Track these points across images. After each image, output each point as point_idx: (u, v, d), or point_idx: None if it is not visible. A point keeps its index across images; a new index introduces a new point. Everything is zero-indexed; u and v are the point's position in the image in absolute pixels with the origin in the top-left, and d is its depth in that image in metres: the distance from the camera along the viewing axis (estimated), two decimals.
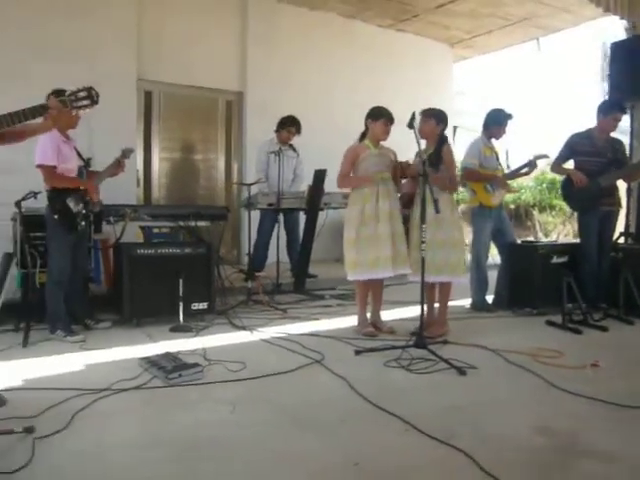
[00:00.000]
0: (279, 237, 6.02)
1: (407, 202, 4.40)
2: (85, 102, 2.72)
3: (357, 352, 3.79)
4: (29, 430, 2.47)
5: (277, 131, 6.47)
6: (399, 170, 4.36)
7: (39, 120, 2.71)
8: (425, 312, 3.96)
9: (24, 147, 3.00)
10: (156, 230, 5.44)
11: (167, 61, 7.20)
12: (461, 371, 3.39)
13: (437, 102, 7.24)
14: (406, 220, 4.43)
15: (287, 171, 6.24)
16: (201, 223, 5.09)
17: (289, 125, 6.43)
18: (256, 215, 6.16)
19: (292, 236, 6.47)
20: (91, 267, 5.05)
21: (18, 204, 4.27)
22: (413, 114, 3.80)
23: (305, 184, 6.45)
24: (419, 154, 4.05)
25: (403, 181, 4.50)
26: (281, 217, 6.18)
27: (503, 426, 2.67)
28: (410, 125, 3.79)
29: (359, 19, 8.81)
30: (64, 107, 2.70)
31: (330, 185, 6.06)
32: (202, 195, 7.74)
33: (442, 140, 4.27)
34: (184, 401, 2.93)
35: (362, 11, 8.55)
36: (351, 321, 4.70)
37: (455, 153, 4.52)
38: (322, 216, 6.21)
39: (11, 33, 5.83)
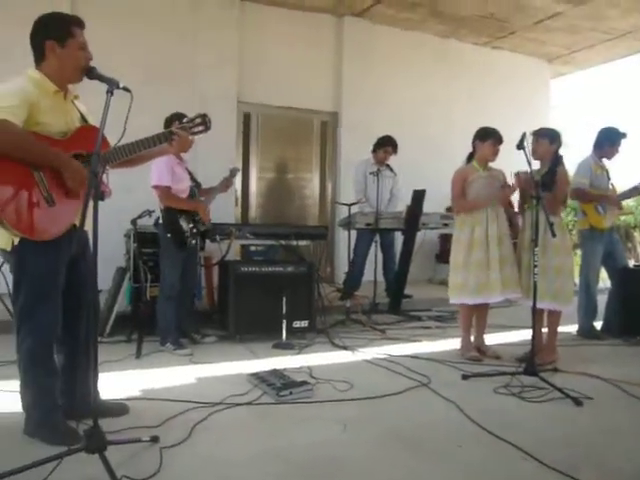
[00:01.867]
0: (376, 257, 6.02)
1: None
2: (200, 128, 2.90)
3: (464, 376, 3.71)
4: (154, 439, 2.58)
5: (374, 151, 6.51)
6: (507, 192, 4.26)
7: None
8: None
9: (138, 168, 3.17)
10: (253, 248, 5.60)
11: (265, 83, 7.45)
12: (577, 401, 3.24)
13: (533, 120, 7.09)
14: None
15: (384, 191, 6.25)
16: (302, 242, 5.17)
17: (385, 145, 6.44)
18: (353, 234, 6.19)
19: (388, 256, 6.45)
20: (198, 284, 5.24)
21: (134, 222, 4.51)
22: (523, 135, 3.70)
23: (401, 204, 6.45)
24: (531, 175, 3.94)
25: None
26: (377, 237, 6.17)
27: (627, 461, 2.53)
28: (520, 146, 3.68)
29: (453, 38, 8.76)
30: (185, 133, 2.86)
31: (428, 205, 6.04)
32: (296, 214, 7.88)
33: (557, 161, 4.13)
34: (296, 419, 2.97)
35: (457, 30, 8.49)
36: (452, 344, 4.62)
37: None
38: (419, 236, 6.17)
39: (123, 57, 6.15)
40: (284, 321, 4.55)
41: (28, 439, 2.60)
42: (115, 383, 3.42)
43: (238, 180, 7.39)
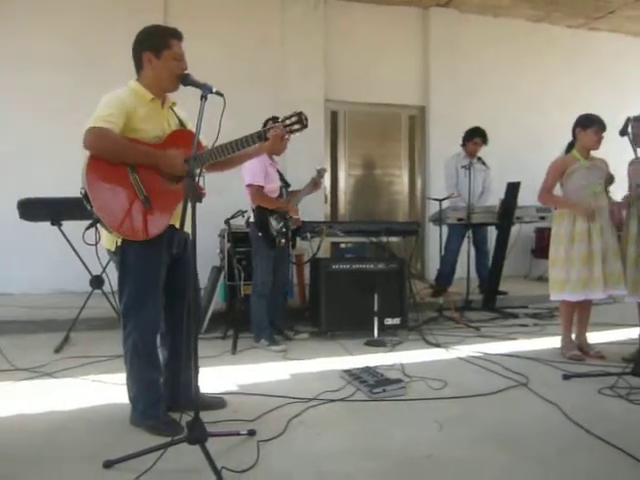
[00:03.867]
0: (469, 253, 5.87)
1: None
2: (296, 126, 2.86)
3: (566, 377, 3.53)
4: (251, 433, 2.65)
5: (463, 144, 6.34)
6: (610, 183, 4.03)
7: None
8: None
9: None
10: (342, 245, 5.63)
11: (351, 80, 7.44)
12: None
13: (637, 104, 6.65)
14: None
15: (476, 185, 6.07)
16: (392, 239, 5.13)
17: (474, 136, 6.26)
18: (444, 230, 6.07)
19: (481, 251, 6.27)
20: (290, 281, 5.33)
21: (227, 222, 4.66)
22: (627, 120, 3.51)
23: (492, 197, 6.25)
24: (634, 163, 3.70)
25: None
26: (470, 232, 6.01)
27: None
28: (623, 132, 3.48)
29: (546, 22, 8.38)
30: (280, 131, 2.86)
31: (523, 198, 5.82)
32: (386, 210, 7.84)
33: None
34: (390, 416, 2.95)
35: (550, 13, 8.12)
36: (552, 342, 4.42)
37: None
38: (514, 231, 5.95)
39: (211, 62, 6.29)
40: (376, 318, 4.54)
41: (133, 428, 2.75)
42: (212, 378, 3.54)
43: (327, 178, 7.45)
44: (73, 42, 6.38)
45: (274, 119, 4.03)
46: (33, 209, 4.70)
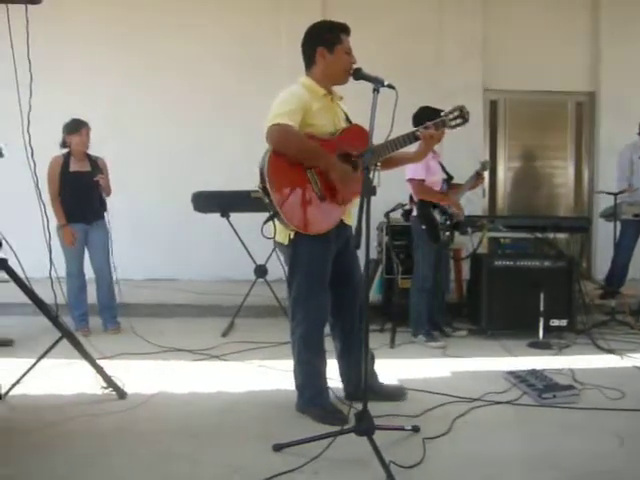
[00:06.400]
0: None
1: None
2: (458, 121, 2.84)
3: None
4: (415, 429, 2.63)
5: None
6: None
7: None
8: None
9: None
10: (502, 240, 5.38)
11: (511, 67, 7.05)
12: None
13: None
14: None
15: None
16: (559, 235, 4.82)
17: None
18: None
19: None
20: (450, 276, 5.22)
21: (387, 215, 4.66)
22: None
23: None
24: None
25: None
26: None
27: None
28: None
29: None
30: (437, 129, 2.83)
31: None
32: (547, 204, 7.39)
33: None
34: (562, 424, 2.78)
35: None
36: None
37: None
38: None
39: (369, 54, 6.30)
40: (541, 319, 4.29)
41: (299, 415, 2.85)
42: None
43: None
44: (240, 42, 6.73)
45: (427, 109, 4.02)
46: (205, 201, 5.06)
